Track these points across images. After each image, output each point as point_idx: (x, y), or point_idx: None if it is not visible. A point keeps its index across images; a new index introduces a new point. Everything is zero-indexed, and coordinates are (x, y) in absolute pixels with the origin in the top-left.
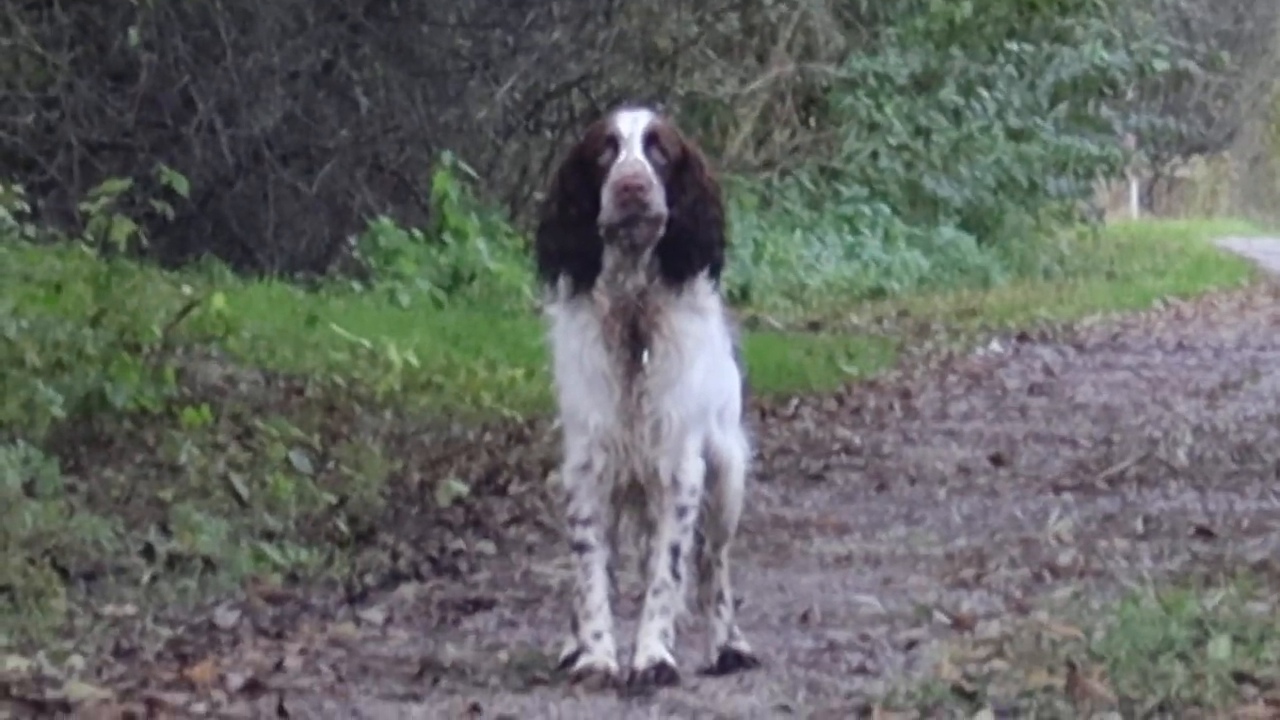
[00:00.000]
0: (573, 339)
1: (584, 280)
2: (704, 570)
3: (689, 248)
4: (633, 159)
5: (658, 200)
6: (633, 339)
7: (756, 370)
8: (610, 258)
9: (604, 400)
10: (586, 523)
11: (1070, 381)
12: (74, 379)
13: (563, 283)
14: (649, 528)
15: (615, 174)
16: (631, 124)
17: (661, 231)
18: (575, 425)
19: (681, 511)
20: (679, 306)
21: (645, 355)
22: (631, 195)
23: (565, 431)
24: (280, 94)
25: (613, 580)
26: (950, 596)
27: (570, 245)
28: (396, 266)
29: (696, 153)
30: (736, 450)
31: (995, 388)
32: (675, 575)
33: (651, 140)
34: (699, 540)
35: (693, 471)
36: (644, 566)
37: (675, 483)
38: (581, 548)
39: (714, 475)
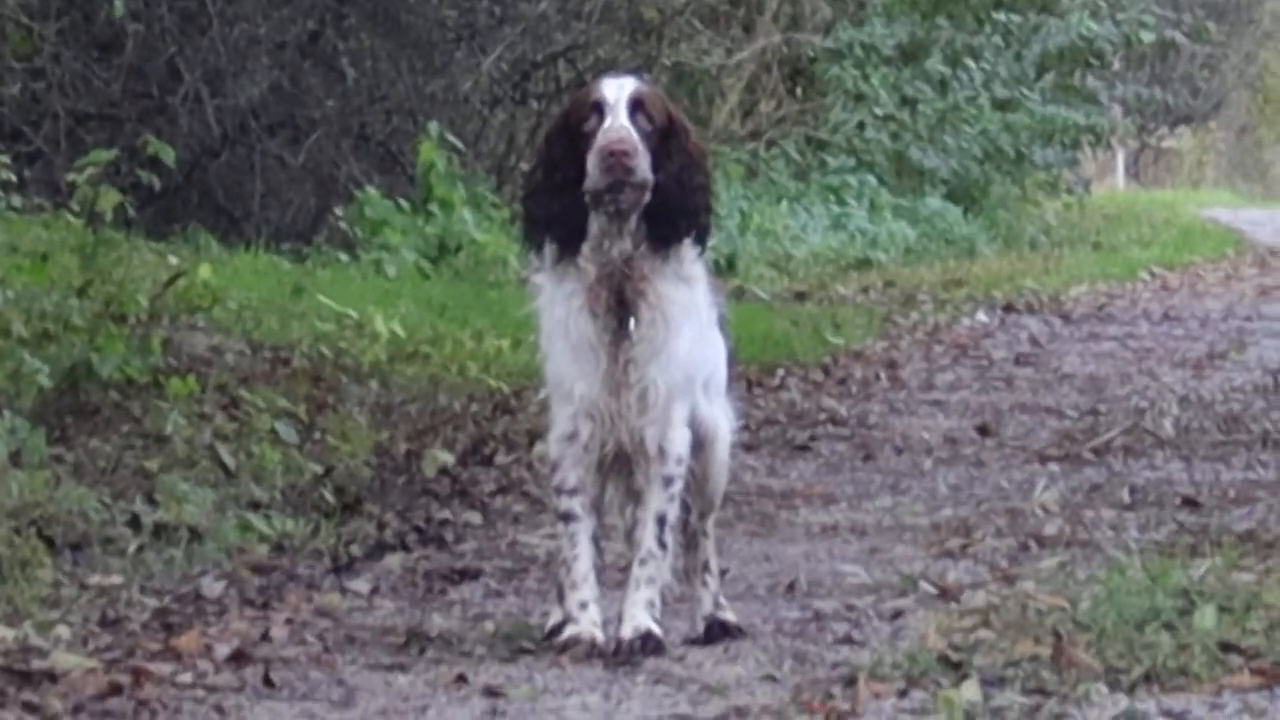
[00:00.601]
0: (558, 307)
1: (569, 247)
2: (690, 540)
3: (675, 214)
4: (618, 125)
5: (643, 166)
6: (619, 306)
7: (743, 340)
8: (596, 224)
9: (590, 369)
10: (572, 492)
11: (1056, 352)
12: (60, 349)
13: (548, 250)
14: (635, 497)
15: (600, 139)
16: (617, 90)
17: (647, 198)
18: (561, 394)
19: (668, 481)
20: (665, 274)
21: (631, 323)
22: (617, 160)
23: (551, 401)
24: (266, 64)
25: (599, 550)
26: (936, 566)
27: (555, 211)
28: (383, 237)
29: (682, 119)
30: (723, 420)
31: (981, 358)
32: (661, 545)
33: (637, 106)
34: (685, 510)
35: (679, 441)
36: (630, 536)
37: (662, 452)
38: (567, 517)
39: (700, 445)
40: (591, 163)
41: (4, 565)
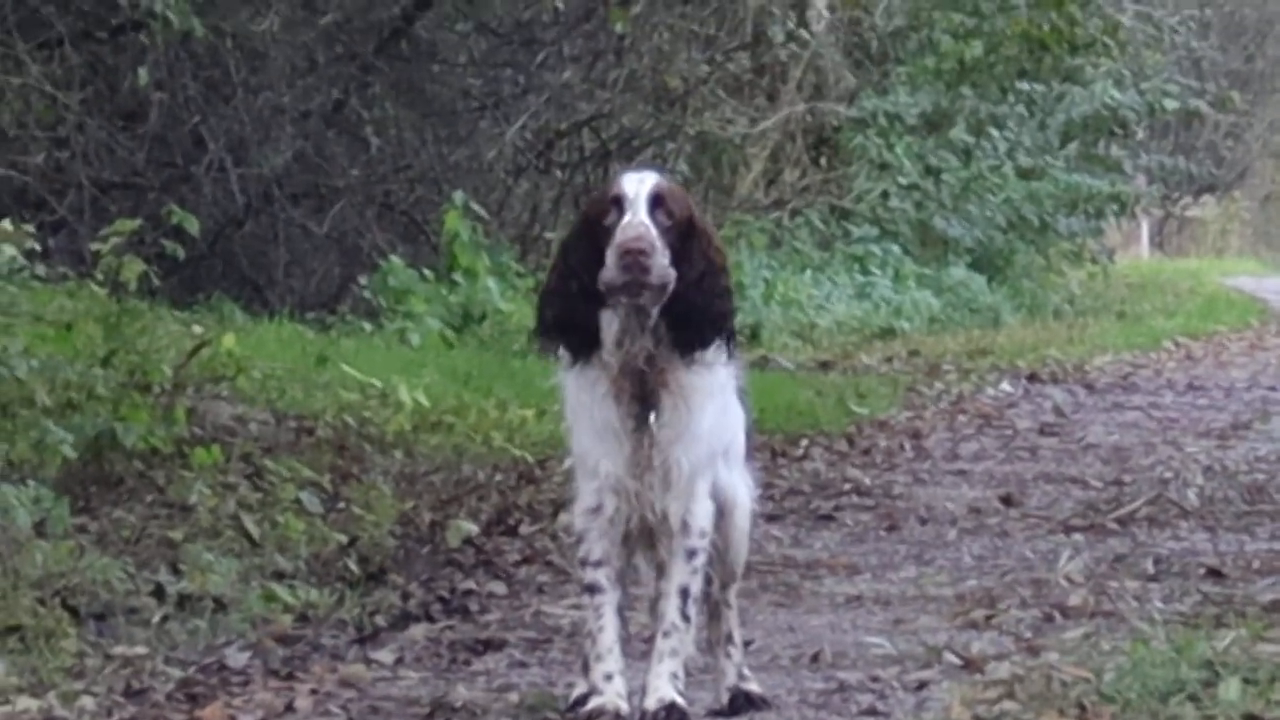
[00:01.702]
0: (583, 392)
1: (583, 352)
2: (713, 611)
3: (701, 321)
4: (637, 221)
5: (661, 264)
6: (641, 396)
7: (767, 410)
8: (616, 320)
9: (614, 450)
10: (598, 564)
11: (1081, 422)
12: (84, 419)
13: (563, 353)
14: (659, 569)
15: (619, 235)
16: (637, 185)
17: (667, 295)
18: (585, 470)
19: (691, 554)
20: (687, 363)
21: (653, 416)
22: (634, 259)
23: (576, 474)
24: (290, 133)
25: (623, 621)
26: (961, 637)
27: (570, 317)
28: (407, 306)
29: (704, 222)
30: (742, 489)
31: (1006, 428)
32: (685, 617)
33: (657, 203)
34: (707, 581)
35: (702, 514)
36: (654, 609)
37: (685, 526)
38: (592, 589)
39: (720, 514)
40: (610, 259)
41: (29, 635)
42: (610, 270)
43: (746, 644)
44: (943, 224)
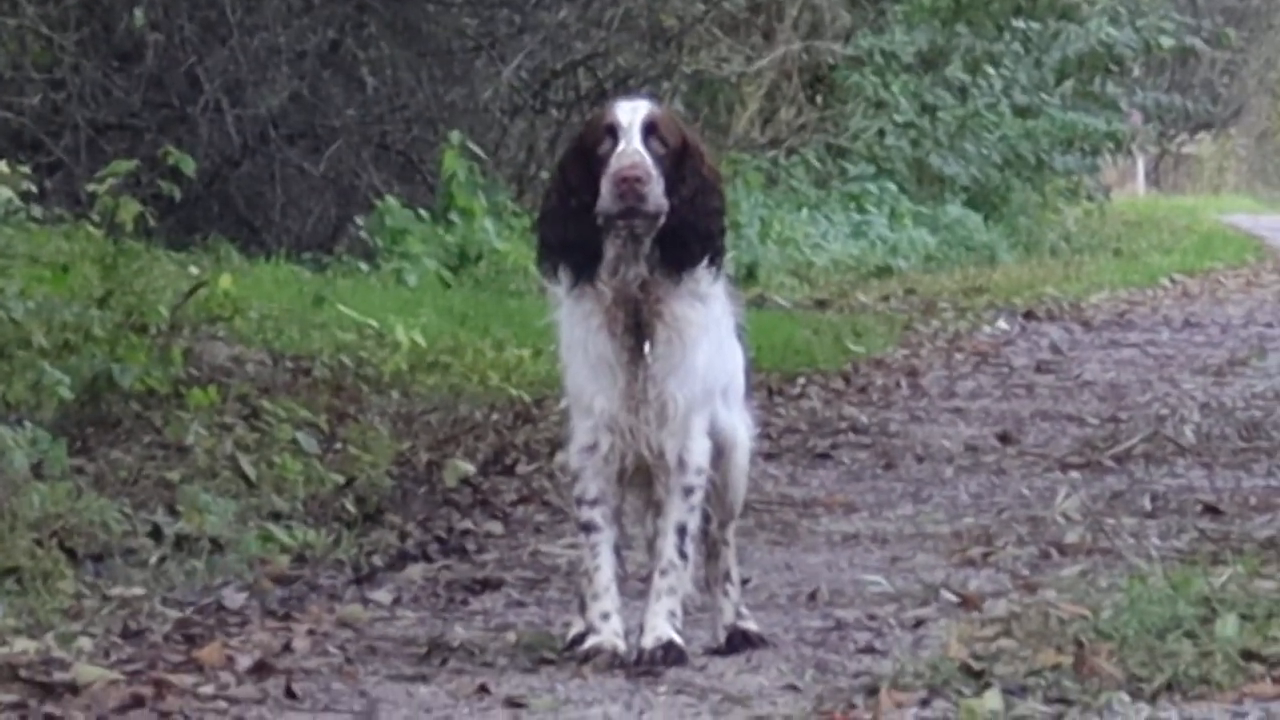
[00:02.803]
0: (577, 326)
1: (584, 272)
2: (710, 549)
3: (689, 239)
4: (631, 149)
5: (656, 192)
6: (635, 327)
7: (763, 349)
8: (611, 248)
9: (608, 385)
10: (593, 503)
11: (1077, 359)
12: (81, 360)
13: (563, 274)
14: (655, 508)
15: (614, 164)
16: (631, 113)
17: (660, 223)
18: (580, 408)
19: (688, 491)
20: (681, 294)
21: (647, 346)
22: (629, 187)
23: (571, 413)
24: (286, 74)
25: (620, 560)
26: (958, 575)
27: (570, 236)
28: (403, 246)
29: (697, 142)
30: (741, 428)
31: (1002, 366)
32: (682, 555)
33: (650, 130)
34: (705, 519)
35: (699, 452)
36: (651, 547)
37: (681, 463)
38: (588, 528)
39: (719, 453)
40: (605, 188)
41: (26, 577)
42: (605, 199)
43: (744, 582)
44: (939, 162)
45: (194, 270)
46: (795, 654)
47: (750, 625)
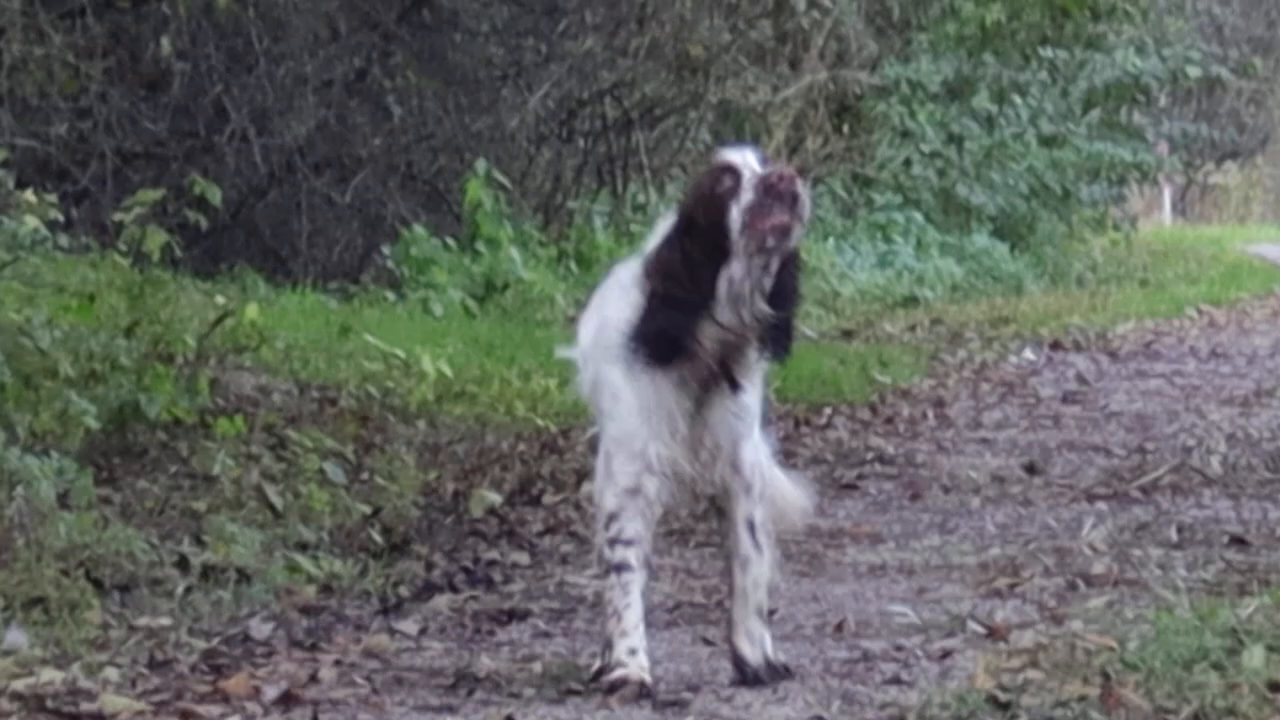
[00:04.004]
0: (640, 373)
1: (680, 358)
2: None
3: (791, 325)
4: (769, 166)
5: (807, 195)
6: (711, 379)
7: (790, 379)
8: (729, 284)
9: (666, 433)
10: (628, 543)
11: (1104, 389)
12: (108, 390)
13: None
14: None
15: (757, 176)
16: (742, 153)
17: (804, 231)
18: (629, 452)
19: (748, 488)
20: (768, 359)
21: (733, 392)
22: (788, 186)
23: (614, 453)
24: (313, 103)
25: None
26: (984, 606)
27: (685, 303)
28: (429, 276)
29: None
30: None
31: (1029, 396)
32: (758, 547)
33: (767, 161)
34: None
35: (749, 452)
36: (722, 546)
37: (735, 468)
38: (621, 568)
39: None
40: (751, 193)
41: (52, 607)
42: (756, 200)
43: (770, 613)
44: (965, 192)
45: (220, 300)
46: (822, 685)
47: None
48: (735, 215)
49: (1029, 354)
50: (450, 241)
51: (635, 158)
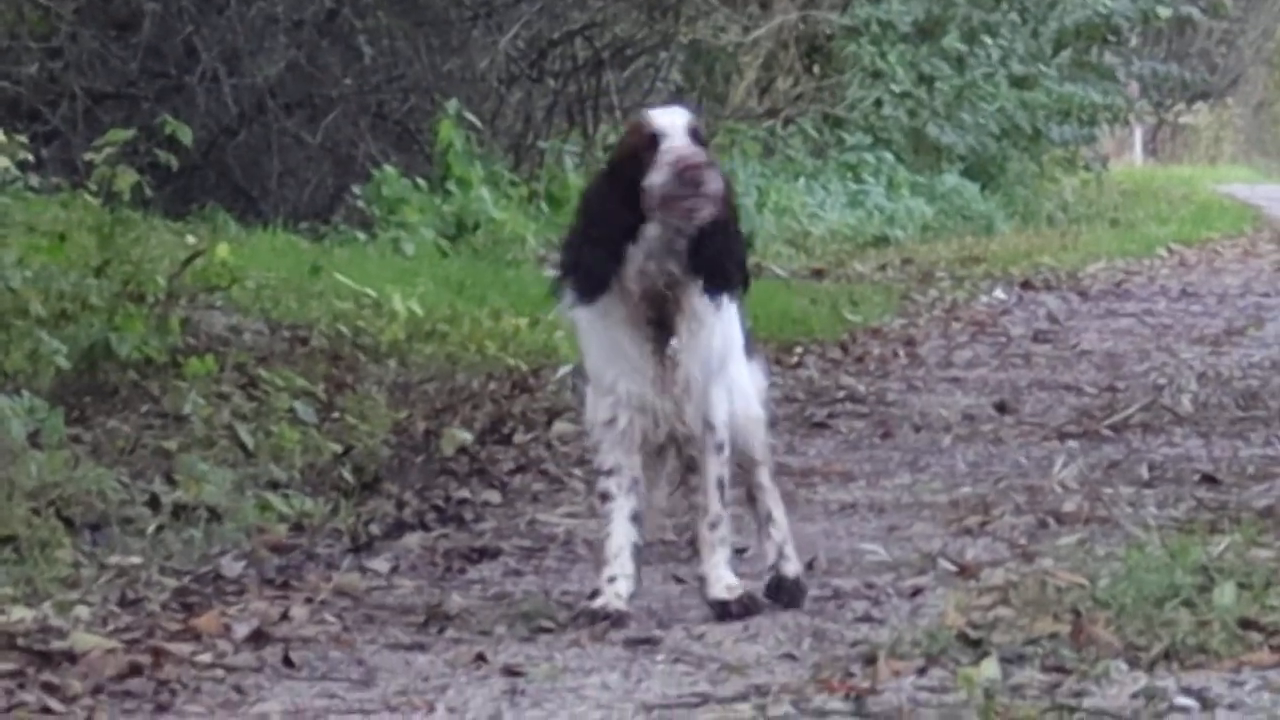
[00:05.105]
0: (596, 319)
1: (599, 291)
2: (748, 495)
3: (726, 262)
4: (685, 143)
5: (715, 177)
6: (658, 321)
7: (760, 318)
8: (646, 242)
9: (631, 371)
10: (609, 473)
11: (1075, 329)
12: (79, 329)
13: (590, 280)
14: (669, 478)
15: (672, 154)
16: (671, 118)
17: (713, 212)
18: (601, 387)
19: (719, 447)
20: (709, 299)
21: (674, 340)
22: (693, 172)
23: (591, 390)
24: (284, 43)
25: (638, 529)
26: (955, 544)
27: (597, 256)
28: (400, 215)
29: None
30: (744, 377)
31: (999, 335)
32: (725, 506)
33: (694, 135)
34: (738, 468)
35: (721, 411)
36: (692, 504)
37: (708, 424)
38: (604, 497)
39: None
40: (661, 176)
41: (23, 545)
42: (666, 184)
43: (740, 551)
44: (936, 132)
45: (191, 239)
46: (793, 622)
47: (789, 568)
48: (648, 185)
49: (1000, 293)
50: (421, 181)
51: (606, 98)
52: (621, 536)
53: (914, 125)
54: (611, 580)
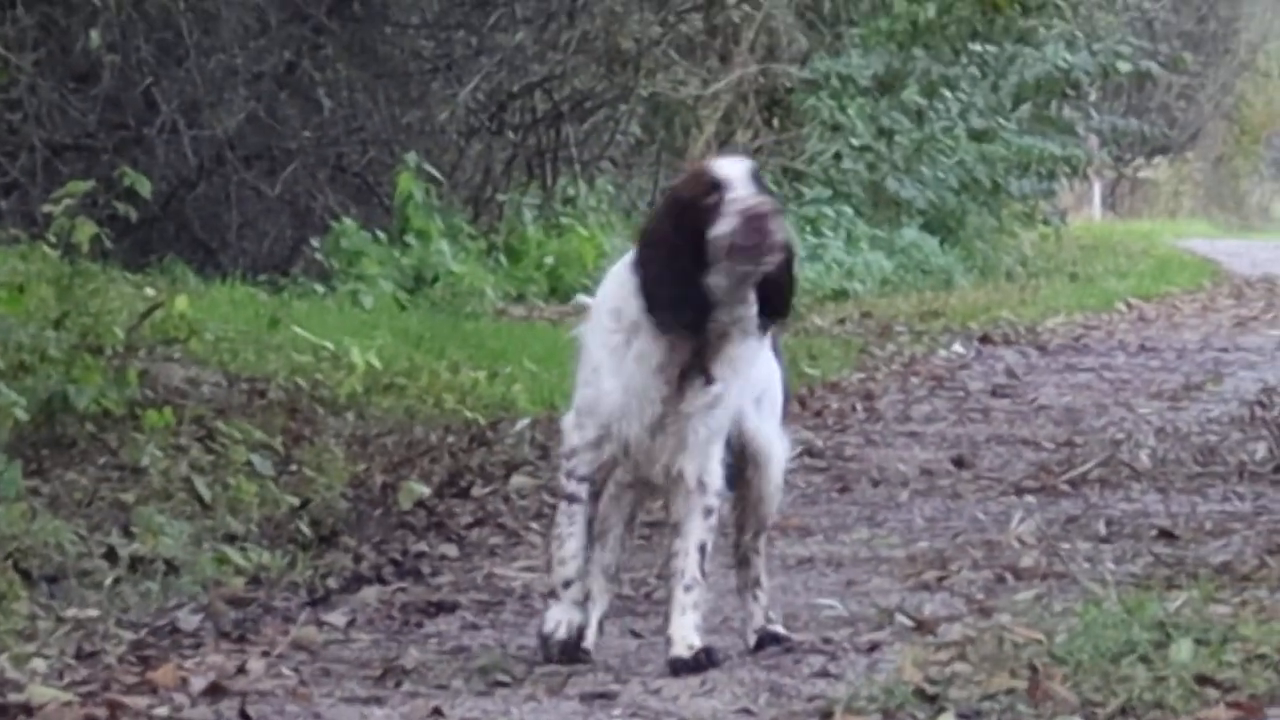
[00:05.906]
0: (622, 356)
1: (697, 321)
2: (741, 558)
3: (787, 294)
4: (752, 192)
5: (781, 225)
6: (689, 366)
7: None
8: (718, 290)
9: (634, 411)
10: (582, 480)
11: (1033, 383)
12: (36, 381)
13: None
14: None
15: (738, 204)
16: (733, 166)
17: (780, 258)
18: (595, 412)
19: (708, 512)
20: (759, 331)
21: (706, 385)
22: (761, 222)
23: (584, 412)
24: (243, 95)
25: (592, 542)
26: (912, 599)
27: (684, 290)
28: (359, 268)
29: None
30: (778, 442)
31: (958, 389)
32: (704, 573)
33: (757, 181)
34: (738, 530)
35: (717, 474)
36: (669, 565)
37: (702, 485)
38: (571, 498)
39: (755, 464)
40: (730, 225)
41: None
42: (735, 234)
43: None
44: (895, 185)
45: (150, 291)
46: (749, 677)
47: (779, 629)
48: (715, 235)
49: (958, 348)
50: (380, 234)
51: (565, 151)
52: (581, 538)
53: (873, 179)
54: (567, 584)
